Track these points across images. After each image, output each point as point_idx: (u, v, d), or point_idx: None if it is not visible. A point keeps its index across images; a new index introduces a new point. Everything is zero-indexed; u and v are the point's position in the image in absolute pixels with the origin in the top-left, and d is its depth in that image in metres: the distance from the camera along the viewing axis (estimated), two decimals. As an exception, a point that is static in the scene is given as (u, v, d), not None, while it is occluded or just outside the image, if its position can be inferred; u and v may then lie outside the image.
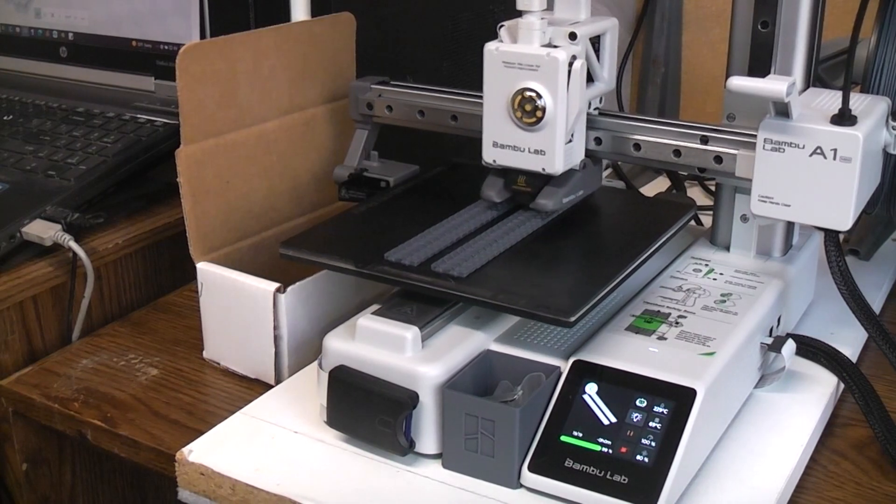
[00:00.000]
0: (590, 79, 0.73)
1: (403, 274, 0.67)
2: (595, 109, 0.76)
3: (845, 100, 0.66)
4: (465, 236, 0.72)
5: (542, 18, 0.69)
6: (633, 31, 1.27)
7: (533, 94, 0.69)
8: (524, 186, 0.74)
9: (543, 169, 0.72)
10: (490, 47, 0.71)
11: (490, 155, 0.73)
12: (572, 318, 0.61)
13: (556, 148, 0.71)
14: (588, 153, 0.75)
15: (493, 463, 0.62)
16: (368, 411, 0.64)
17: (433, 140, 0.88)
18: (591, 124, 0.75)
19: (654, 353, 0.65)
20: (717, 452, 0.66)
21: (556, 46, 0.69)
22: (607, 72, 0.75)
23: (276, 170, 0.86)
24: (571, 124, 0.71)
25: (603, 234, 0.76)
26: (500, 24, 0.71)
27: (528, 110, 0.70)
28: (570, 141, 0.72)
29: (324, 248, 0.71)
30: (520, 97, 0.70)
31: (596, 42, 0.73)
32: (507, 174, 0.75)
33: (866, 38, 0.79)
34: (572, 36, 0.70)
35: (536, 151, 0.71)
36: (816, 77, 0.76)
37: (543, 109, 0.69)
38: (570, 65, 0.69)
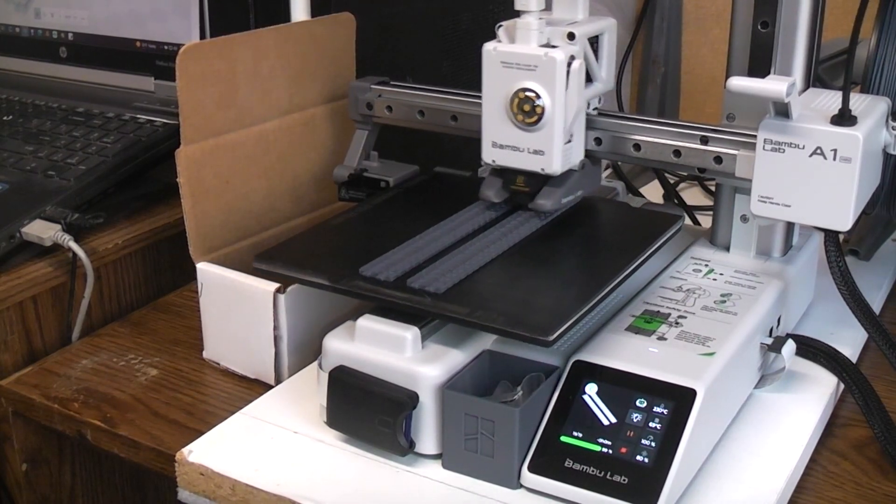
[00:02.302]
0: (588, 79, 0.73)
1: (378, 290, 0.65)
2: (594, 109, 0.76)
3: (845, 100, 0.66)
4: (446, 248, 0.70)
5: (539, 18, 0.69)
6: (633, 31, 1.27)
7: (531, 95, 0.69)
8: (523, 186, 0.74)
9: (542, 169, 0.72)
10: (488, 47, 0.71)
11: (489, 155, 0.73)
12: (551, 338, 0.59)
13: (555, 148, 0.71)
14: (588, 153, 0.75)
15: (493, 463, 0.62)
16: (368, 411, 0.64)
17: (433, 140, 0.88)
18: (590, 124, 0.75)
19: (654, 354, 0.65)
20: (717, 452, 0.66)
21: (554, 46, 0.69)
22: (606, 72, 0.75)
23: (276, 170, 0.86)
24: (570, 124, 0.71)
25: (587, 246, 0.74)
26: (498, 25, 0.71)
27: (526, 110, 0.70)
28: (570, 141, 0.72)
29: (298, 262, 0.69)
30: (518, 97, 0.70)
31: (594, 42, 0.73)
32: (506, 174, 0.75)
33: (866, 38, 0.79)
34: (570, 36, 0.70)
35: (535, 151, 0.71)
36: (816, 77, 0.76)
37: (542, 109, 0.69)
38: (569, 65, 0.69)
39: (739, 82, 0.67)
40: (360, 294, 0.66)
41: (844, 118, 0.66)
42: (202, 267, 0.78)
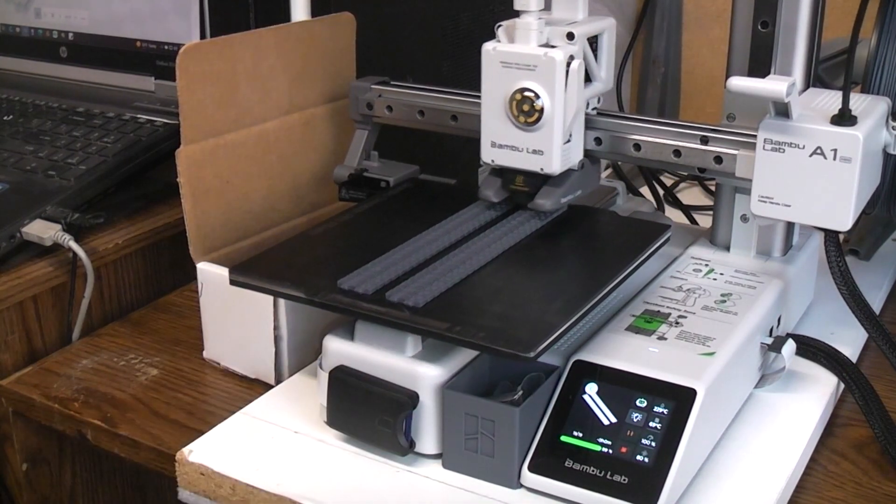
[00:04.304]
0: (588, 79, 0.73)
1: (356, 303, 0.63)
2: (593, 109, 0.76)
3: (845, 100, 0.66)
4: (429, 258, 0.69)
5: (539, 18, 0.69)
6: (633, 31, 1.27)
7: (531, 94, 0.69)
8: (522, 186, 0.74)
9: (541, 169, 0.72)
10: (488, 47, 0.71)
11: (488, 155, 0.73)
12: (532, 354, 0.57)
13: (554, 148, 0.71)
14: (588, 153, 0.75)
15: (493, 463, 0.62)
16: (368, 411, 0.64)
17: (433, 140, 0.88)
18: (590, 124, 0.75)
19: (654, 353, 0.65)
20: (717, 452, 0.66)
21: (553, 46, 0.69)
22: (605, 72, 0.75)
23: (276, 170, 0.86)
24: (569, 124, 0.71)
25: (573, 257, 0.72)
26: (497, 24, 0.71)
27: (525, 110, 0.70)
28: (569, 141, 0.72)
29: (275, 274, 0.68)
30: (518, 97, 0.70)
31: (594, 42, 0.73)
32: (505, 174, 0.75)
33: (866, 38, 0.79)
34: (570, 36, 0.70)
35: (534, 151, 0.71)
36: (816, 77, 0.76)
37: (541, 109, 0.69)
38: (568, 65, 0.69)
39: (739, 82, 0.67)
40: (337, 308, 0.64)
41: (844, 118, 0.66)
42: (202, 267, 0.78)
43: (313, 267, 0.70)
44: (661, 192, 1.10)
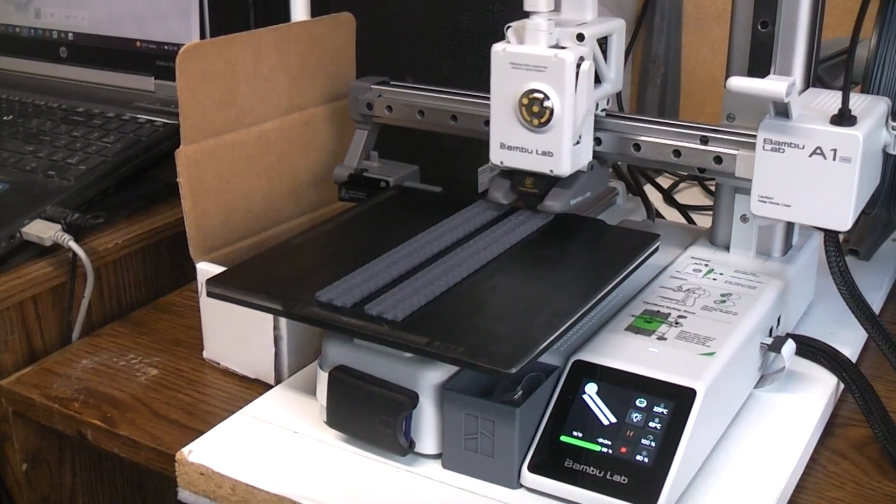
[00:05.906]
0: (597, 80, 0.73)
1: (334, 317, 0.62)
2: (602, 111, 0.75)
3: (845, 100, 0.66)
4: (410, 269, 0.68)
5: (549, 19, 0.69)
6: (633, 31, 1.27)
7: (540, 96, 0.69)
8: (531, 188, 0.74)
9: (551, 171, 0.71)
10: (497, 48, 0.70)
11: (497, 156, 0.73)
12: (512, 370, 0.56)
13: (564, 149, 0.70)
14: (588, 153, 0.75)
15: (493, 463, 0.62)
16: (368, 411, 0.64)
17: (433, 140, 0.88)
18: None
19: (654, 353, 0.65)
20: (717, 452, 0.66)
21: (563, 47, 0.69)
22: (614, 73, 0.74)
23: (276, 170, 0.86)
24: (579, 125, 0.70)
25: (558, 268, 0.71)
26: (507, 25, 0.71)
27: (535, 111, 0.70)
28: (578, 142, 0.71)
29: (253, 286, 0.67)
30: (527, 98, 0.70)
31: (603, 43, 0.73)
32: (514, 176, 0.75)
33: (866, 38, 0.79)
34: (580, 37, 0.70)
35: (544, 153, 0.71)
36: (816, 77, 0.76)
37: (551, 111, 0.69)
38: (578, 66, 0.68)
39: (739, 82, 0.67)
40: (315, 321, 0.64)
41: (844, 118, 0.66)
42: (202, 267, 0.78)
43: (292, 278, 0.69)
44: (652, 197, 1.09)
